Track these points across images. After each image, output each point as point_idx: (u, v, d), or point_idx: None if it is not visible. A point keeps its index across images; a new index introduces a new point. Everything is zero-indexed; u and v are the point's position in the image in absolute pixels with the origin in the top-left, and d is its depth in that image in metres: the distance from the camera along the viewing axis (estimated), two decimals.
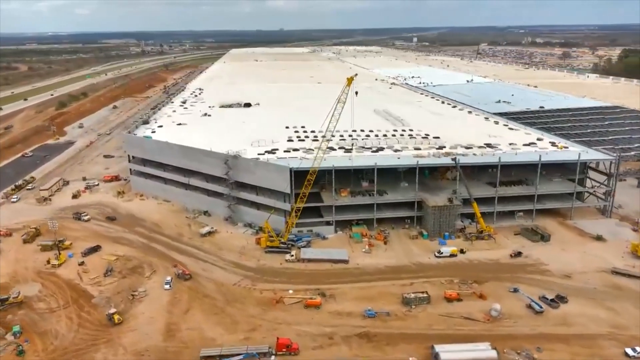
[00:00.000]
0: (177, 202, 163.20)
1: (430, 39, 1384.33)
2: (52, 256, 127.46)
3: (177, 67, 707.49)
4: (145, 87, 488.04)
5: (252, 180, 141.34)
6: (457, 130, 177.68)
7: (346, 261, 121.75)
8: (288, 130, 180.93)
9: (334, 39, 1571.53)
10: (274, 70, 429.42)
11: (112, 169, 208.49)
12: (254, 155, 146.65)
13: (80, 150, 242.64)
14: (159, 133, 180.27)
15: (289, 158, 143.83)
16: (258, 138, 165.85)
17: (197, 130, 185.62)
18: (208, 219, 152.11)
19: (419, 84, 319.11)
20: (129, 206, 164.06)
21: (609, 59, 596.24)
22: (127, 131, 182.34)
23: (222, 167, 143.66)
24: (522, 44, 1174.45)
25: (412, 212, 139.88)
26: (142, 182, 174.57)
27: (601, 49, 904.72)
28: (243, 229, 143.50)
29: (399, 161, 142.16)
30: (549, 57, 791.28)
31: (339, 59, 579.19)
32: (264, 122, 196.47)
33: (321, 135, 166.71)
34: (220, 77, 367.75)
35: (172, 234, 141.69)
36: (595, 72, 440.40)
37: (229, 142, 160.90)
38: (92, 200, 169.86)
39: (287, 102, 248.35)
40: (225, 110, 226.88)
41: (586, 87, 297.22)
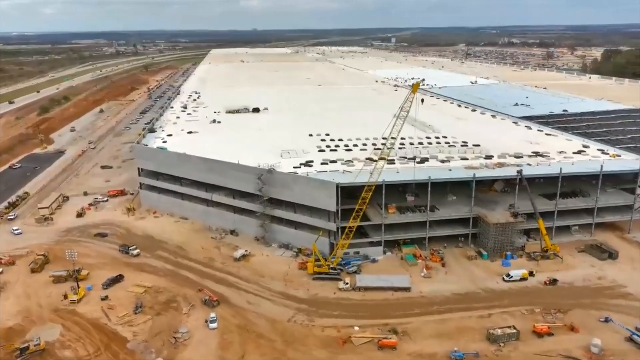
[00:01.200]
0: (197, 220, 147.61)
1: (406, 39, 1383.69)
2: (69, 290, 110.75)
3: (156, 68, 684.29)
4: (128, 90, 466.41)
5: (290, 196, 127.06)
6: (493, 137, 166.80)
7: (408, 288, 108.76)
8: (313, 139, 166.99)
9: (310, 39, 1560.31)
10: (266, 72, 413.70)
11: (114, 181, 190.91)
12: (288, 169, 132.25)
13: (73, 161, 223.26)
14: (170, 143, 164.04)
15: (330, 172, 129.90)
16: (285, 148, 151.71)
17: (212, 139, 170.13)
18: (236, 239, 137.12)
19: (422, 86, 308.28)
20: (143, 225, 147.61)
21: (596, 59, 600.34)
22: (136, 141, 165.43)
23: (254, 183, 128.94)
24: (499, 44, 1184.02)
25: (467, 229, 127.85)
26: (155, 198, 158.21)
27: (580, 49, 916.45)
28: (279, 250, 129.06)
29: (454, 174, 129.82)
30: (530, 57, 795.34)
31: (326, 59, 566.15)
32: (282, 130, 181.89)
33: (373, 146, 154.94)
34: (213, 80, 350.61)
35: (202, 259, 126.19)
36: (584, 73, 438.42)
37: (253, 152, 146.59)
38: (100, 219, 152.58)
39: (296, 107, 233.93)
40: (234, 117, 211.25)
41: (594, 89, 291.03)
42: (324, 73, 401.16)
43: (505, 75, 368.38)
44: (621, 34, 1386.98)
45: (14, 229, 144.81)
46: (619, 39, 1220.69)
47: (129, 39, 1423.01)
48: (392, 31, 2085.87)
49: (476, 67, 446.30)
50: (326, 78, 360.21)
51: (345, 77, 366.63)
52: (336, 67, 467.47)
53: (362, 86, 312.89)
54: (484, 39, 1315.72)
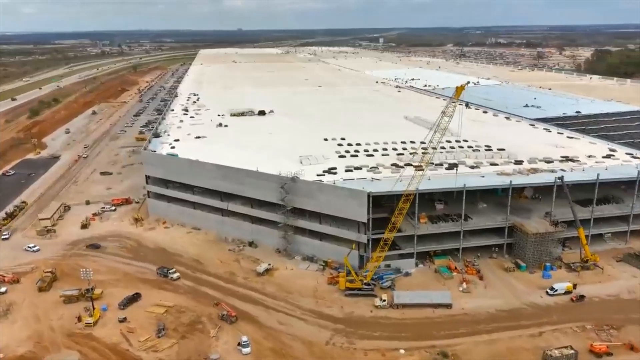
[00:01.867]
0: (211, 230, 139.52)
1: (394, 39, 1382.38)
2: (83, 311, 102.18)
3: (145, 69, 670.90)
4: (118, 91, 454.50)
5: (315, 206, 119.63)
6: (514, 140, 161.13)
7: (450, 305, 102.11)
8: (329, 144, 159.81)
9: (297, 39, 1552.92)
10: (261, 72, 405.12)
11: (116, 188, 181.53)
12: (311, 177, 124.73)
13: (70, 167, 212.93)
14: (178, 148, 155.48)
15: (357, 179, 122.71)
16: (303, 154, 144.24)
17: (221, 144, 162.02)
18: (255, 251, 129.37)
19: (424, 87, 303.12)
20: (153, 237, 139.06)
21: (588, 59, 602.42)
22: (143, 147, 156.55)
23: (276, 192, 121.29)
24: (486, 44, 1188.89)
25: (502, 239, 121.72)
26: (164, 207, 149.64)
27: (568, 49, 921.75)
28: (303, 263, 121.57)
29: (488, 181, 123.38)
30: (519, 57, 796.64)
31: (319, 60, 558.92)
32: (294, 134, 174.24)
33: (394, 150, 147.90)
34: (210, 81, 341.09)
35: (222, 273, 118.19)
36: (578, 73, 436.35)
37: (269, 159, 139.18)
38: (107, 231, 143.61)
39: (302, 109, 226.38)
40: (240, 120, 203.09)
41: (598, 89, 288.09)
42: (321, 74, 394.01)
43: (504, 76, 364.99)
44: (605, 34, 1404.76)
45: (29, 247, 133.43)
46: (603, 39, 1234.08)
47: (114, 39, 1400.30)
48: (377, 31, 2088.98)
49: (473, 68, 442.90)
50: (324, 79, 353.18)
51: (343, 78, 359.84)
52: (331, 67, 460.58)
53: (363, 87, 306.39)
54: (469, 39, 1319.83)
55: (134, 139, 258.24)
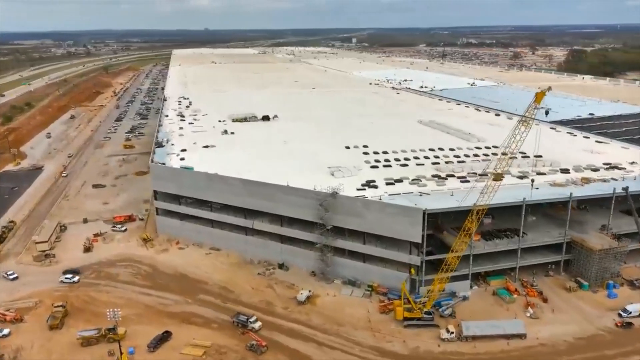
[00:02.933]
0: (233, 251, 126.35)
1: (366, 39, 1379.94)
2: (107, 356, 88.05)
3: (116, 70, 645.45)
4: (93, 94, 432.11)
5: (360, 225, 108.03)
6: (545, 146, 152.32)
7: (523, 335, 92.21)
8: (353, 153, 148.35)
9: (267, 39, 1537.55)
10: (247, 73, 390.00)
11: (113, 203, 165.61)
12: (350, 191, 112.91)
13: (56, 179, 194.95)
14: (189, 160, 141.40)
15: (403, 194, 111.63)
16: (331, 164, 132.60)
17: (234, 154, 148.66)
18: (287, 274, 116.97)
19: (421, 88, 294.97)
20: (169, 260, 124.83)
21: (569, 58, 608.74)
22: (151, 159, 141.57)
23: (313, 209, 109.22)
24: (458, 44, 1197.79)
25: (558, 255, 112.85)
26: (176, 225, 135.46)
27: (540, 49, 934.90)
28: (346, 289, 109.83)
29: (550, 193, 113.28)
30: (494, 57, 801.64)
31: (300, 60, 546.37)
32: (311, 142, 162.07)
33: (425, 159, 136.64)
34: (196, 83, 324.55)
35: (257, 303, 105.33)
36: (560, 72, 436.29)
37: (295, 171, 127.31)
38: (115, 254, 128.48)
39: (307, 113, 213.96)
40: (245, 126, 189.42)
41: (593, 90, 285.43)
42: (309, 75, 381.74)
43: (496, 77, 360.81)
44: (569, 35, 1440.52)
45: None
46: (569, 39, 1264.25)
47: (78, 40, 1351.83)
48: (346, 31, 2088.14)
49: (459, 68, 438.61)
50: (314, 80, 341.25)
51: (333, 80, 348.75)
52: (316, 68, 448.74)
53: (358, 89, 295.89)
54: (438, 40, 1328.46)
55: (122, 147, 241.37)
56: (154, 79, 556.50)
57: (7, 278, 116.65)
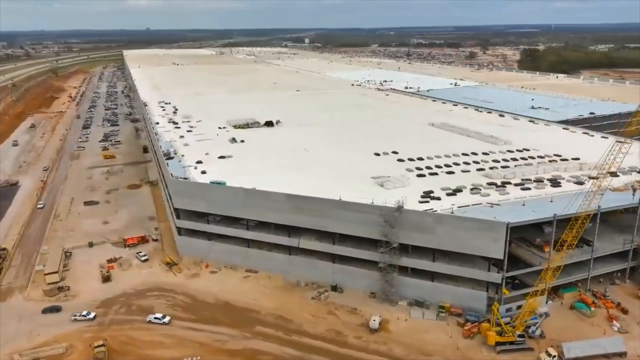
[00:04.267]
0: (274, 272, 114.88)
1: (316, 39, 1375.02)
2: None
3: (65, 73, 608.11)
4: (48, 99, 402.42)
5: (429, 241, 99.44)
6: (572, 147, 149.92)
7: (624, 354, 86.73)
8: (387, 160, 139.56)
9: (215, 39, 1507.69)
10: (220, 75, 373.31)
11: (114, 222, 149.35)
12: (411, 204, 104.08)
13: (38, 195, 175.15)
14: (211, 174, 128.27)
15: (472, 206, 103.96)
16: (372, 174, 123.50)
17: (255, 165, 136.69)
18: (343, 297, 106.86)
19: (406, 89, 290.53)
20: (205, 286, 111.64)
21: (522, 58, 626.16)
22: (170, 174, 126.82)
23: (375, 225, 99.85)
24: (409, 44, 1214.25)
25: (624, 262, 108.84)
26: (203, 246, 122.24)
27: (490, 49, 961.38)
28: (415, 311, 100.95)
29: (622, 199, 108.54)
30: (449, 57, 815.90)
31: (264, 61, 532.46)
32: (335, 150, 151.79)
33: (464, 165, 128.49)
34: (170, 87, 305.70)
35: (324, 333, 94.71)
36: (521, 70, 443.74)
37: (337, 182, 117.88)
38: (139, 282, 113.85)
39: (309, 118, 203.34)
40: (250, 133, 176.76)
41: (573, 88, 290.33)
42: (283, 77, 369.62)
43: (470, 76, 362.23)
44: (511, 34, 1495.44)
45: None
46: (513, 38, 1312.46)
47: (12, 41, 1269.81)
48: (293, 32, 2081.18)
49: (431, 68, 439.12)
50: (292, 82, 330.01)
51: (312, 81, 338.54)
52: (285, 69, 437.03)
53: (345, 91, 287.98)
54: (385, 40, 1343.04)
55: (102, 158, 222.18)
56: (109, 81, 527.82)
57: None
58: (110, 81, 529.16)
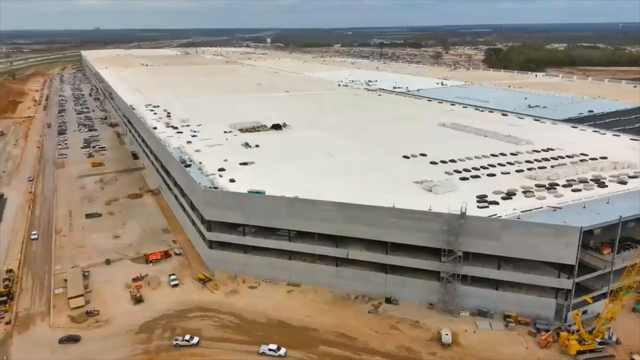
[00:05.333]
0: (320, 285, 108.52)
1: (278, 39, 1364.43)
2: None
3: (23, 76, 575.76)
4: (10, 104, 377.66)
5: (493, 248, 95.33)
6: (592, 147, 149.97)
7: None
8: (417, 162, 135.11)
9: (171, 39, 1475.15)
10: (199, 77, 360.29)
11: (125, 236, 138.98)
12: (471, 210, 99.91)
13: (30, 208, 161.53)
14: (241, 182, 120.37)
15: (535, 210, 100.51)
16: (414, 178, 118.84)
17: (282, 171, 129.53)
18: (400, 309, 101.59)
19: (395, 89, 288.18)
20: (248, 304, 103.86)
21: (488, 57, 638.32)
22: (200, 184, 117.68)
23: (436, 233, 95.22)
24: (371, 45, 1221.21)
25: None
26: (239, 260, 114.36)
27: (452, 49, 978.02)
28: (481, 321, 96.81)
29: None
30: (414, 57, 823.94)
31: (236, 62, 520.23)
32: (359, 154, 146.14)
33: (500, 166, 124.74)
34: (149, 89, 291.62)
35: (395, 351, 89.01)
36: (489, 69, 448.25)
37: (377, 187, 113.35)
38: (175, 302, 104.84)
39: (315, 120, 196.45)
40: (260, 136, 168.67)
41: (557, 86, 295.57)
42: (264, 77, 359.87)
43: (452, 76, 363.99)
44: (465, 34, 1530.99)
45: None
46: (470, 38, 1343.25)
47: None
48: (249, 31, 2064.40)
49: (408, 68, 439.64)
50: (276, 83, 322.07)
51: (295, 82, 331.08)
52: (262, 70, 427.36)
53: (335, 92, 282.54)
54: (344, 40, 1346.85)
55: (90, 166, 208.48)
56: (72, 84, 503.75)
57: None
58: (73, 83, 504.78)
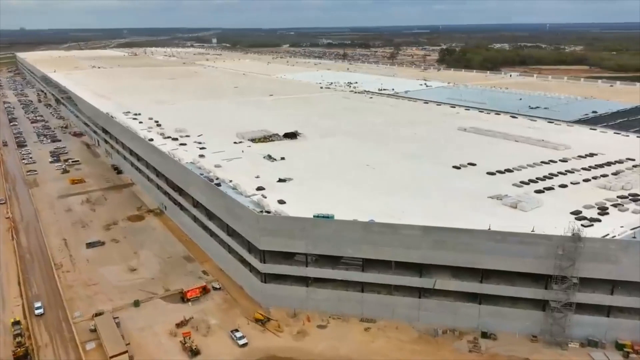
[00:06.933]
0: (398, 319, 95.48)
1: (225, 40, 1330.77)
2: None
3: None
4: None
5: (609, 272, 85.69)
6: (624, 150, 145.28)
7: None
8: (472, 174, 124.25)
9: (107, 39, 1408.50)
10: (164, 80, 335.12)
11: (144, 268, 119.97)
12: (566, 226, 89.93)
13: (13, 238, 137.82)
14: (292, 203, 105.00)
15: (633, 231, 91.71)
16: (483, 193, 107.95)
17: (328, 188, 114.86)
18: (498, 344, 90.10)
19: (380, 90, 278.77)
20: (327, 348, 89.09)
21: (443, 57, 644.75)
22: (254, 209, 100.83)
23: (546, 258, 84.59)
24: (319, 45, 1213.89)
25: None
26: (299, 295, 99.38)
27: (402, 49, 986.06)
28: (595, 353, 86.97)
29: None
30: (368, 56, 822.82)
31: (194, 63, 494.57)
32: (398, 163, 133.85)
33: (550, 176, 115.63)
34: (118, 94, 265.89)
35: None
36: (448, 69, 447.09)
37: (449, 205, 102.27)
38: (240, 352, 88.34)
39: (326, 128, 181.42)
40: (277, 147, 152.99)
41: (536, 86, 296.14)
42: (236, 80, 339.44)
43: (427, 76, 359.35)
44: (408, 35, 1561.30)
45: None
46: (412, 39, 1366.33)
47: None
48: (187, 31, 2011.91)
49: (381, 69, 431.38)
50: (252, 86, 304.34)
51: (275, 85, 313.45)
52: (231, 72, 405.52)
53: (323, 95, 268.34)
54: (287, 40, 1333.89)
55: (69, 183, 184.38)
56: (13, 89, 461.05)
57: None
58: (15, 88, 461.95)
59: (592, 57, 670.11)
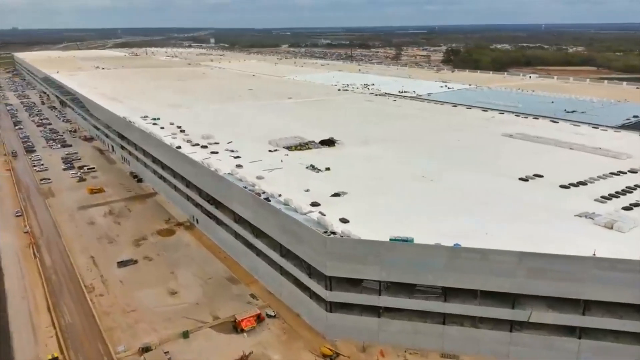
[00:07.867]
0: (484, 355, 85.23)
1: (222, 40, 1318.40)
2: None
3: None
4: None
5: None
6: None
7: None
8: (538, 186, 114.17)
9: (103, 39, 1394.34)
10: (174, 81, 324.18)
11: (186, 292, 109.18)
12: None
13: (35, 256, 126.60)
14: (357, 224, 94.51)
15: None
16: (566, 209, 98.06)
17: (390, 205, 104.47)
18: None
19: (401, 93, 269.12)
20: None
21: (448, 58, 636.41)
22: (316, 229, 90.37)
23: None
24: (319, 45, 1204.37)
25: None
26: (370, 326, 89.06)
27: (405, 50, 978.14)
28: None
29: None
30: (366, 56, 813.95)
31: (199, 64, 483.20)
32: (457, 174, 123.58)
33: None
34: (130, 97, 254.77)
35: None
36: (453, 69, 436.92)
37: (527, 225, 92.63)
38: None
39: (361, 134, 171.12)
40: (317, 156, 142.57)
41: (558, 88, 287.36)
42: (248, 82, 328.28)
43: (445, 78, 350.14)
44: (405, 35, 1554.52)
45: None
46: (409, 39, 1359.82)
47: None
48: (181, 31, 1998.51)
49: (395, 71, 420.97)
50: (270, 88, 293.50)
51: (289, 87, 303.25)
52: (240, 73, 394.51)
53: (344, 98, 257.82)
54: (283, 40, 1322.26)
55: (87, 192, 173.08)
56: (14, 90, 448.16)
57: None
58: (15, 90, 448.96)
59: (598, 57, 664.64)
